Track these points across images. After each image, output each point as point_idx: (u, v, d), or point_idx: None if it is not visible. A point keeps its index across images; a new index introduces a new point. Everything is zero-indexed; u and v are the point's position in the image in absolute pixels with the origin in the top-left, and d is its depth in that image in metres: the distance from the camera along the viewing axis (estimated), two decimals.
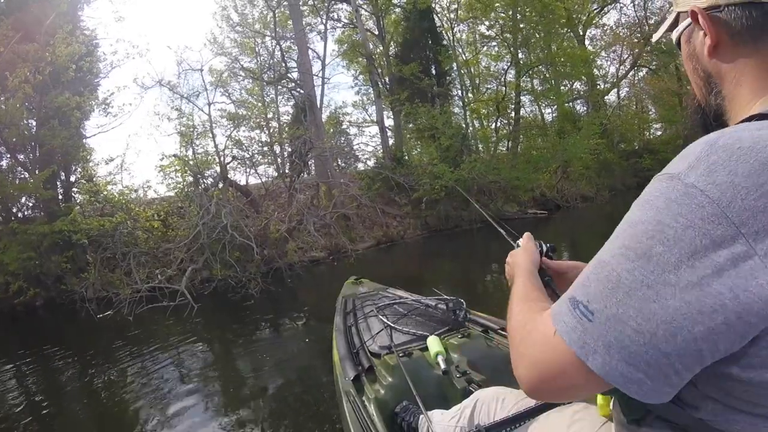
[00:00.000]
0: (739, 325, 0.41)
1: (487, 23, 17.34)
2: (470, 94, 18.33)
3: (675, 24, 0.62)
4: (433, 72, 15.76)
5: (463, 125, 16.30)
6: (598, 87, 19.36)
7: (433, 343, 1.92)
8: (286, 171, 11.91)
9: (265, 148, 12.34)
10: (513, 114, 17.25)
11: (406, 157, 14.05)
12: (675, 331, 0.43)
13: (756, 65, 0.52)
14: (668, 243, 0.43)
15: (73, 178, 9.39)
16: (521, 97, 17.31)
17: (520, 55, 16.63)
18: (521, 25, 16.26)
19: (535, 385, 0.56)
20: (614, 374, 0.47)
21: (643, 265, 0.44)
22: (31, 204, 8.87)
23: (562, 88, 18.77)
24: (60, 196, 9.03)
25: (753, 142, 0.43)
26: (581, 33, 18.89)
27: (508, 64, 16.95)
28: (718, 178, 0.42)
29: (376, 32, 16.38)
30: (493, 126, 17.50)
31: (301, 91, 13.16)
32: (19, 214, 8.70)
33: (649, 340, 0.44)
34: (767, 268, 0.40)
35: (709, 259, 0.41)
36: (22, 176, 8.74)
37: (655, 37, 0.74)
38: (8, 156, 8.61)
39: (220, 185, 9.42)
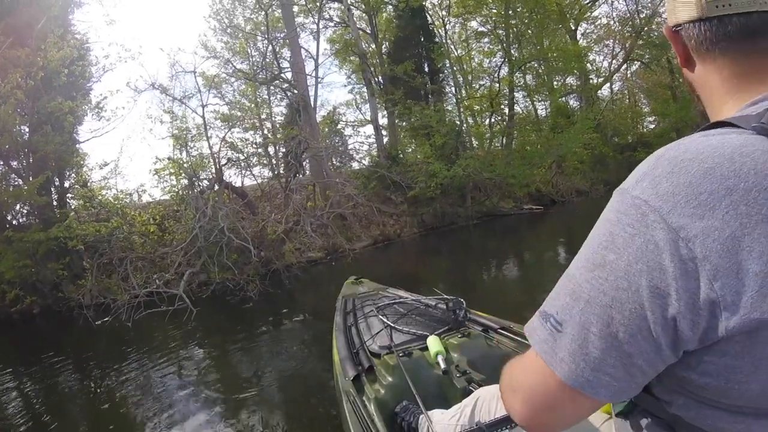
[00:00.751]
0: (688, 319, 0.44)
1: (479, 19, 17.34)
2: (463, 91, 18.34)
3: None
4: (426, 69, 15.76)
5: (457, 122, 16.30)
6: (591, 81, 19.38)
7: (433, 343, 1.92)
8: (281, 172, 11.89)
9: (260, 150, 12.31)
10: (507, 110, 17.27)
11: (401, 156, 14.05)
12: (634, 332, 0.46)
13: (717, 75, 0.55)
14: (618, 251, 0.47)
15: (67, 184, 9.34)
16: (515, 93, 17.33)
17: (512, 51, 16.63)
18: (513, 21, 16.26)
19: (527, 414, 0.57)
20: (580, 381, 0.50)
21: (600, 274, 0.48)
22: (25, 211, 8.83)
23: (555, 83, 18.79)
24: (54, 203, 8.97)
25: (696, 153, 0.46)
26: (573, 28, 18.91)
27: (501, 60, 16.97)
28: (661, 189, 0.45)
29: (369, 31, 16.36)
30: (487, 122, 17.51)
31: (295, 91, 13.13)
32: (14, 222, 8.65)
33: (611, 344, 0.47)
34: (705, 270, 0.42)
35: (655, 261, 0.44)
36: (16, 183, 8.68)
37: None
38: (1, 163, 8.56)
39: (216, 187, 9.39)
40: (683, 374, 0.48)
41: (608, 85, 20.85)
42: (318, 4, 14.81)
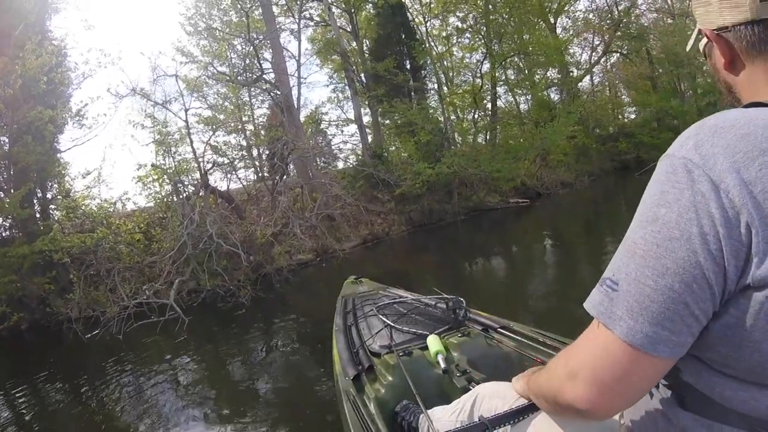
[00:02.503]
0: (732, 264, 0.48)
1: (459, 14, 17.39)
2: (445, 88, 18.39)
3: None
4: (408, 67, 15.78)
5: (441, 119, 16.36)
6: (572, 74, 19.58)
7: (433, 342, 1.93)
8: (266, 174, 11.81)
9: (244, 152, 12.19)
10: (490, 105, 17.37)
11: (385, 154, 14.06)
12: (689, 280, 0.49)
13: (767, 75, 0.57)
14: (669, 204, 0.50)
15: (49, 195, 9.12)
16: (497, 88, 17.43)
17: (493, 47, 16.71)
18: (492, 17, 16.34)
19: (594, 395, 0.56)
20: (639, 337, 0.51)
21: (653, 228, 0.51)
22: (8, 224, 8.60)
23: (536, 77, 18.94)
24: (38, 215, 8.75)
25: (734, 121, 0.51)
26: (552, 21, 19.08)
27: (483, 55, 17.06)
28: (703, 150, 0.50)
29: (349, 29, 16.31)
30: (470, 118, 17.58)
31: (278, 93, 13.04)
32: None
33: (668, 295, 0.49)
34: (744, 217, 0.47)
35: (704, 210, 0.48)
36: None
37: (687, 48, 0.80)
38: None
39: (202, 193, 9.29)
40: (708, 324, 0.51)
41: (589, 77, 21.12)
42: (298, 3, 14.72)
